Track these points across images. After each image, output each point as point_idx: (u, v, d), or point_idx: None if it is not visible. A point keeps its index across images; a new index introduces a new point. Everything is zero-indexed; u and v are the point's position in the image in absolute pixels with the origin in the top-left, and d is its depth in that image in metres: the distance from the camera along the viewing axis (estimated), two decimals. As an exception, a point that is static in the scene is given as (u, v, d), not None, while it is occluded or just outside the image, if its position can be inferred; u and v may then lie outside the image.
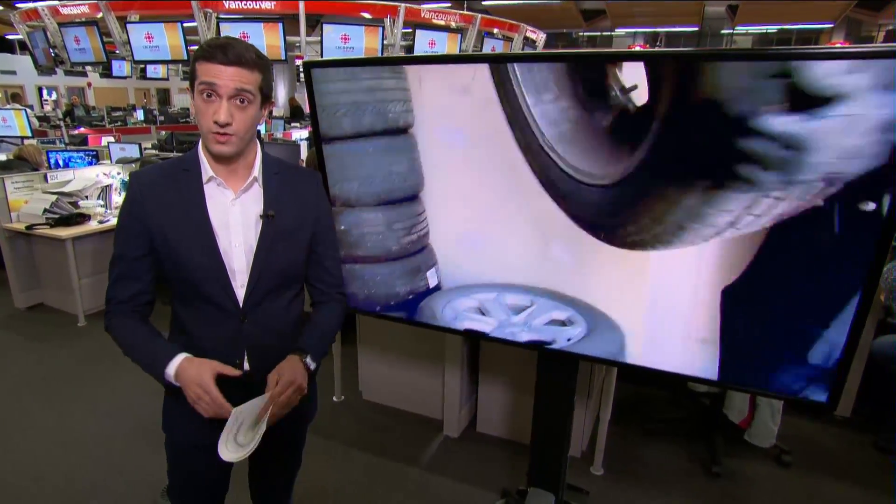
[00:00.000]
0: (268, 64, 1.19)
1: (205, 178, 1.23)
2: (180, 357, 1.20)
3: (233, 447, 1.16)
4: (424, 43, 8.18)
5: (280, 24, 7.01)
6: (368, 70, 1.48)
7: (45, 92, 17.08)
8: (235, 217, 1.25)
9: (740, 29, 17.48)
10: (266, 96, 1.21)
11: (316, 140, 1.61)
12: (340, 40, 7.34)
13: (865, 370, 2.71)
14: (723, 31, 17.38)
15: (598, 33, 19.18)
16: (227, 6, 7.21)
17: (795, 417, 2.79)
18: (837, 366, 1.18)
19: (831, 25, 16.13)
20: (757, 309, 1.24)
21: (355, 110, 1.52)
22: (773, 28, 18.04)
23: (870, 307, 1.10)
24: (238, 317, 1.27)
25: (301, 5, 7.26)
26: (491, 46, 9.55)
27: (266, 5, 7.47)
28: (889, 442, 2.62)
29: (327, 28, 7.19)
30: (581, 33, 19.48)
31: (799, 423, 2.77)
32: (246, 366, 1.31)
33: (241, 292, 1.26)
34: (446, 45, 8.29)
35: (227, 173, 1.24)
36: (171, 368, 1.18)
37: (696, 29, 17.20)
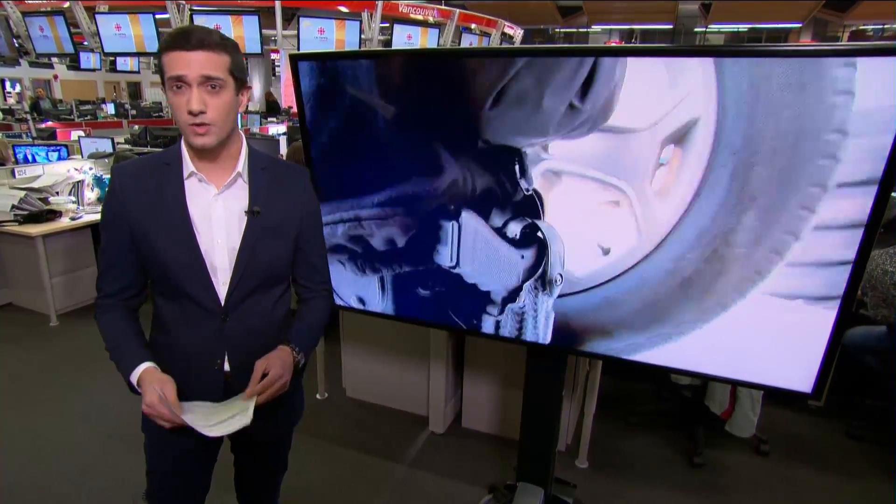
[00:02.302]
0: (234, 45, 1.15)
1: (185, 174, 1.20)
2: (144, 366, 1.19)
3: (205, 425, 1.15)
4: (402, 37, 8.14)
5: (256, 17, 6.90)
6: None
7: (7, 84, 16.52)
8: (218, 213, 1.22)
9: (713, 27, 17.80)
10: (240, 80, 1.16)
11: (304, 135, 1.58)
12: (318, 33, 7.26)
13: (838, 361, 2.78)
14: (696, 29, 17.67)
15: (575, 30, 19.32)
16: (201, -3, 7.06)
17: (772, 408, 2.86)
18: (823, 356, 1.21)
19: (799, 25, 16.52)
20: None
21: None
22: (744, 26, 18.41)
23: (855, 296, 1.13)
24: (220, 315, 1.24)
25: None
26: (469, 41, 9.55)
27: (241, -2, 7.34)
28: (859, 429, 2.71)
29: (305, 22, 7.10)
30: (558, 30, 19.61)
31: (776, 413, 2.84)
32: (226, 366, 1.28)
33: (222, 290, 1.23)
34: (419, 39, 8.20)
35: (209, 168, 1.21)
36: (135, 377, 1.18)
37: (670, 26, 17.45)
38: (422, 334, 2.61)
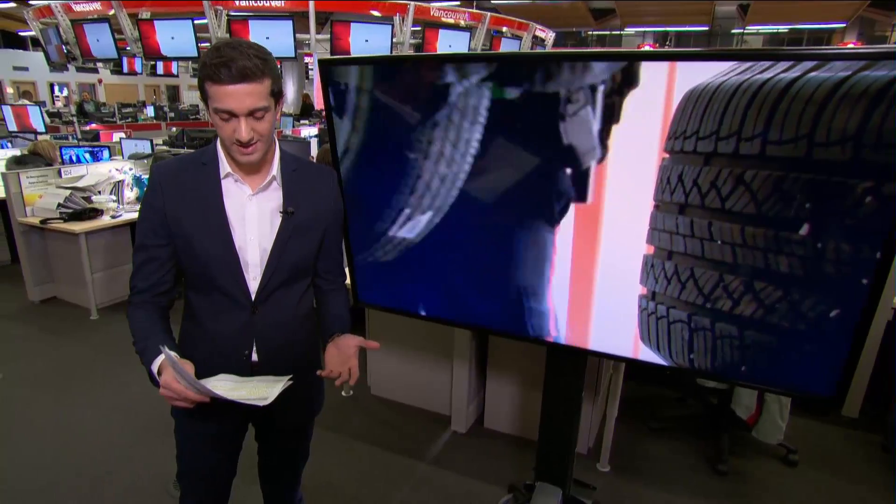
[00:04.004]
0: (272, 62, 1.15)
1: (222, 174, 1.26)
2: (162, 353, 1.19)
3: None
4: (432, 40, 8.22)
5: (290, 22, 7.06)
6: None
7: (56, 88, 17.26)
8: (251, 212, 1.28)
9: (751, 28, 17.38)
10: (278, 95, 1.19)
11: (331, 138, 1.63)
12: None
13: (874, 370, 2.71)
14: (733, 31, 17.28)
15: (608, 32, 19.13)
16: (237, 3, 7.26)
17: (803, 418, 2.80)
18: (845, 359, 1.19)
19: (844, 25, 16.01)
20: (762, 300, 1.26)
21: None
22: (784, 28, 17.93)
23: (879, 298, 1.11)
24: (249, 308, 1.31)
25: (311, 3, 7.30)
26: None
27: (276, 3, 7.52)
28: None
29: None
30: (590, 32, 19.43)
31: (807, 424, 2.78)
32: (254, 356, 1.34)
33: (253, 285, 1.30)
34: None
35: (247, 171, 1.27)
36: (156, 365, 1.19)
37: (706, 28, 17.12)
38: (446, 335, 2.64)
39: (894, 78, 1.02)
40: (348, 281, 1.58)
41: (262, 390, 1.19)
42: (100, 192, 4.29)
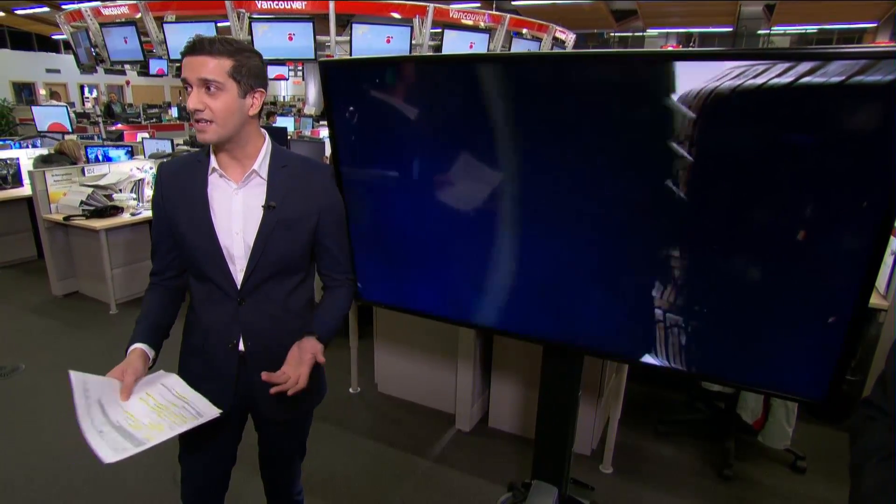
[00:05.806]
0: (242, 51, 1.21)
1: (209, 170, 1.32)
2: (134, 346, 1.37)
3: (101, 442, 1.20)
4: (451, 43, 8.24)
5: (310, 24, 7.15)
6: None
7: (86, 90, 17.76)
8: (237, 206, 1.33)
9: (777, 29, 17.04)
10: (244, 83, 1.22)
11: (332, 135, 1.66)
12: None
13: None
14: (759, 32, 16.98)
15: (630, 34, 18.94)
16: (259, 6, 7.38)
17: (814, 424, 2.75)
18: (835, 363, 1.17)
19: (875, 24, 15.60)
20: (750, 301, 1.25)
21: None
22: (812, 28, 17.54)
23: (868, 300, 1.10)
24: (236, 299, 1.36)
25: (331, 5, 7.39)
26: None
27: (297, 5, 7.62)
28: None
29: (357, 28, 7.32)
30: (612, 34, 19.26)
31: (817, 431, 2.73)
32: (241, 346, 1.38)
33: (239, 276, 1.35)
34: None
35: (229, 165, 1.33)
36: (129, 350, 1.37)
37: (730, 29, 16.84)
38: (451, 334, 2.66)
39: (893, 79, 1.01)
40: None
41: (165, 428, 1.24)
42: (121, 191, 4.40)
